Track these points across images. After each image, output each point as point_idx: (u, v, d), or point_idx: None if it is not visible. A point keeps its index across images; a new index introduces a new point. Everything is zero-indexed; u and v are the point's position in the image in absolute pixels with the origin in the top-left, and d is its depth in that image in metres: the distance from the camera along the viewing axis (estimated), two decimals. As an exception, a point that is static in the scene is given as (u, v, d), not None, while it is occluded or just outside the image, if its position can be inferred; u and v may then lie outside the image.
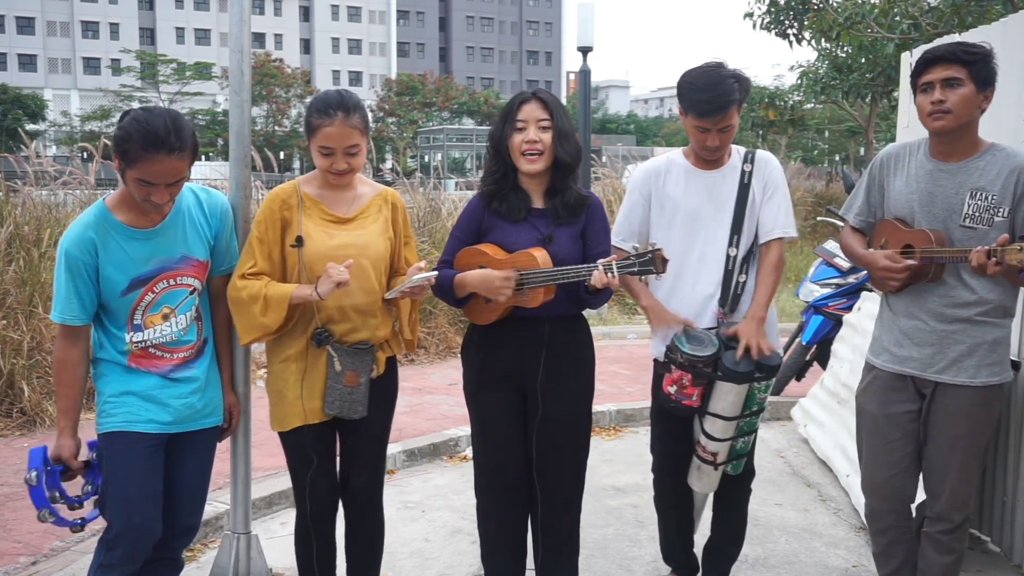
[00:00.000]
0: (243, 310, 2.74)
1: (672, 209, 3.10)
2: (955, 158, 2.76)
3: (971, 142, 2.76)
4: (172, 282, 2.64)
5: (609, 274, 2.64)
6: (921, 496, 3.01)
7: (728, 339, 2.97)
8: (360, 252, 2.78)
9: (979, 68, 2.67)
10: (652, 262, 2.63)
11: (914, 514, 3.03)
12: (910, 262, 2.73)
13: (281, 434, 2.88)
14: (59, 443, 2.59)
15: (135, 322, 2.61)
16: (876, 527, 3.04)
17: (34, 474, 2.55)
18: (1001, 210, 2.69)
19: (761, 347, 2.93)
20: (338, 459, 2.98)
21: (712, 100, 2.88)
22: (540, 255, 2.78)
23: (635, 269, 2.65)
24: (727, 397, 2.95)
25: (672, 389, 3.00)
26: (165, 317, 2.64)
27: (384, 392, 2.93)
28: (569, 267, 2.73)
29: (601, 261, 2.67)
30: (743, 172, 3.08)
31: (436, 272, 2.80)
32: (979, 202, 2.70)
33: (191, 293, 2.69)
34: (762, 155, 3.12)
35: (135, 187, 2.49)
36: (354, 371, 2.77)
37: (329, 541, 2.98)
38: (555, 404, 2.90)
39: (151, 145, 2.41)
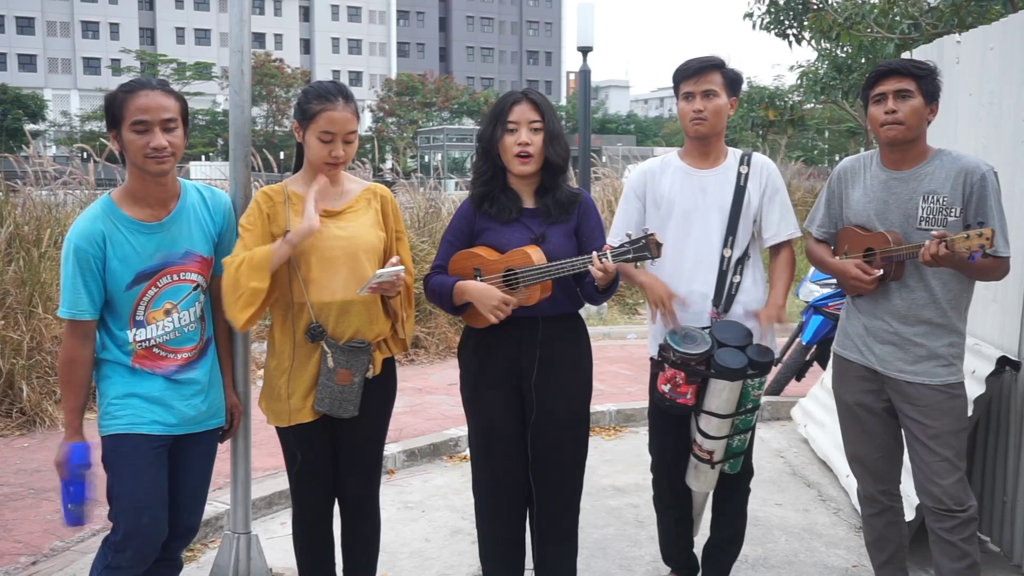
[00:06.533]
0: (231, 287, 2.64)
1: (667, 208, 3.12)
2: (906, 166, 2.90)
3: (920, 151, 2.90)
4: (175, 277, 2.65)
5: (604, 260, 2.64)
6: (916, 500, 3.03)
7: (720, 338, 2.98)
8: (351, 243, 2.77)
9: (927, 82, 2.83)
10: (647, 247, 2.63)
11: (912, 512, 3.04)
12: (879, 273, 2.86)
13: (278, 431, 2.88)
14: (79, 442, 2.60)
15: (137, 318, 2.61)
16: (870, 511, 3.14)
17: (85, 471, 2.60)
18: (953, 210, 2.82)
19: (779, 318, 3.04)
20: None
21: (694, 61, 3.05)
22: (534, 252, 2.78)
23: (630, 256, 2.65)
24: (721, 394, 2.96)
25: (666, 388, 3.00)
26: (167, 313, 2.64)
27: (381, 394, 2.91)
28: (564, 261, 2.73)
29: (603, 250, 2.67)
30: (739, 174, 3.10)
31: (403, 267, 2.75)
32: (932, 205, 2.84)
33: (194, 289, 2.69)
34: (759, 158, 3.15)
35: (132, 139, 2.50)
36: (348, 369, 2.76)
37: (325, 541, 2.98)
38: (550, 404, 2.89)
39: (136, 86, 2.54)
